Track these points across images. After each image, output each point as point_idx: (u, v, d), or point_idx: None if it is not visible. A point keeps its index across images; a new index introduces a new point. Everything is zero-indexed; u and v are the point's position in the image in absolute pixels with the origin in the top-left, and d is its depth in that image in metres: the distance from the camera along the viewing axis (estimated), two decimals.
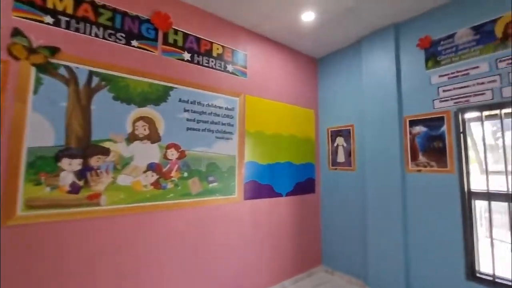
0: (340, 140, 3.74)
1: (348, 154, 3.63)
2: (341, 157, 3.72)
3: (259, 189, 3.26)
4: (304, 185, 3.76)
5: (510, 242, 2.36)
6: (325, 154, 3.94)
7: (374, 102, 3.24)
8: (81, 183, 2.13)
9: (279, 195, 3.46)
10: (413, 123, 2.96)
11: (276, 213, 3.41)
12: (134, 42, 2.46)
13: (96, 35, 2.28)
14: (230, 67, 3.11)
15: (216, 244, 2.84)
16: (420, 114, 2.92)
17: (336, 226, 3.65)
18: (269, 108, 3.45)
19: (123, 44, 2.40)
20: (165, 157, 2.57)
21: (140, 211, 2.38)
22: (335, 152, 3.80)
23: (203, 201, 2.78)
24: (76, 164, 2.11)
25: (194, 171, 2.75)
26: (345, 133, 3.69)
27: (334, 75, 3.85)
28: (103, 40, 2.31)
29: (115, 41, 2.37)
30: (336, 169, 3.76)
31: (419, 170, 2.89)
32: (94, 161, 2.19)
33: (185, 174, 2.69)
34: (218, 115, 2.97)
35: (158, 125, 2.54)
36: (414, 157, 2.93)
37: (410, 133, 2.97)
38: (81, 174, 2.13)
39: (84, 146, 2.16)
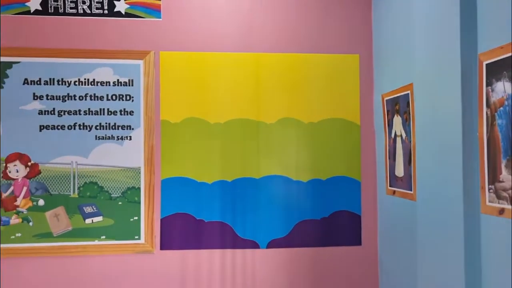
0: (397, 123, 1.40)
1: (408, 158, 1.32)
2: (399, 168, 1.45)
3: (198, 230, 1.69)
4: (327, 227, 1.69)
5: None
6: (381, 158, 1.61)
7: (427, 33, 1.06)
8: None
9: (251, 245, 1.69)
10: (494, 70, 0.89)
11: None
12: None
13: None
14: (121, 4, 1.67)
15: None
16: None
17: None
18: (223, 70, 1.69)
19: None
20: (4, 176, 1.66)
21: None
22: (392, 153, 1.47)
23: (75, 247, 1.66)
24: None
25: (56, 198, 1.68)
26: (403, 106, 1.35)
27: None
28: None
29: None
30: (394, 192, 1.45)
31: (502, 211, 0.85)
32: None
33: (41, 203, 1.67)
34: (101, 98, 1.69)
35: None
36: (492, 174, 0.92)
37: (489, 102, 0.93)
38: None
39: None
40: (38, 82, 1.66)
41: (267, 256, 1.69)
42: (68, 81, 1.67)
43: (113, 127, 1.68)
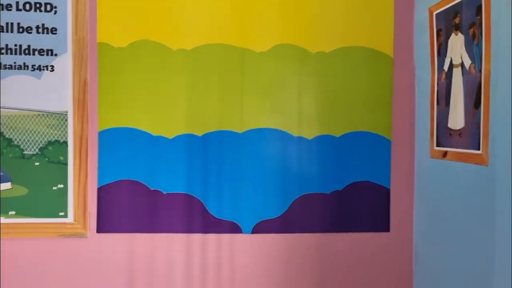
0: (457, 46, 0.88)
1: (475, 99, 0.77)
2: (457, 116, 0.90)
3: (152, 206, 1.20)
4: (340, 205, 1.20)
5: None
6: (425, 103, 1.08)
7: None
8: None
9: (230, 228, 1.21)
10: None
11: None
12: None
13: None
14: None
15: None
16: None
17: None
18: None
19: None
20: None
21: None
22: (444, 95, 0.94)
23: None
24: None
25: None
26: (467, 16, 0.85)
27: None
28: None
29: None
30: (445, 154, 0.94)
31: None
32: None
33: None
34: (8, 8, 1.19)
35: None
36: None
37: None
38: None
39: None
40: None
41: (252, 243, 1.21)
42: None
43: (26, 52, 1.16)
